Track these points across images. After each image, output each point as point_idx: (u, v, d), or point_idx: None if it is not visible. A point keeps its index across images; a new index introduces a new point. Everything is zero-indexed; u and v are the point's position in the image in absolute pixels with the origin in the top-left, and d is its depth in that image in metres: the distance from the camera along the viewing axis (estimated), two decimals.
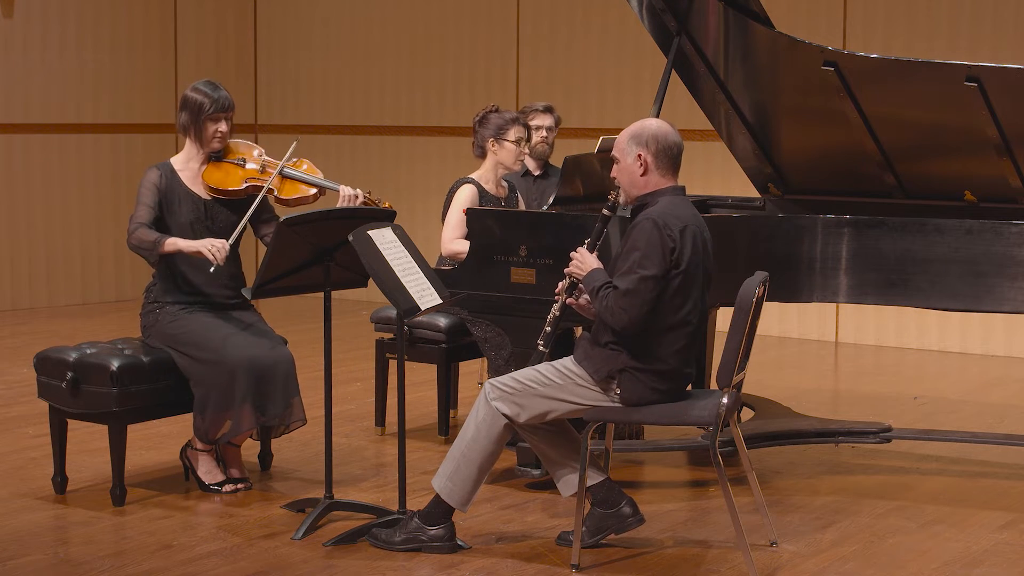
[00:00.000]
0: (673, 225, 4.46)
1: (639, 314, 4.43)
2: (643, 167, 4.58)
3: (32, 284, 10.25)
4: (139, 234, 5.29)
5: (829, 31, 8.90)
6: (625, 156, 4.60)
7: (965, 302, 5.43)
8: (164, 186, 5.37)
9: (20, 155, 10.11)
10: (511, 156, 6.02)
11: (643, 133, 4.59)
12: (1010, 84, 5.35)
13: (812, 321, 9.22)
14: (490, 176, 6.06)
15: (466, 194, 5.97)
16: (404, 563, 4.60)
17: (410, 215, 10.06)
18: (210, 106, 5.38)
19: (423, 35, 10.66)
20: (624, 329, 4.46)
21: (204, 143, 5.43)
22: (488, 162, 6.06)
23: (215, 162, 5.47)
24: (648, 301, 4.43)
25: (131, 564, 4.59)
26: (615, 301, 4.44)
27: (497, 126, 6.02)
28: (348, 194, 5.37)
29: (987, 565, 4.66)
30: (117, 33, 10.58)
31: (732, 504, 4.48)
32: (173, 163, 5.46)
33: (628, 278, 4.44)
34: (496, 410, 4.60)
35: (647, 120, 4.67)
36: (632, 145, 4.58)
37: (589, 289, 4.56)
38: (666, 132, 4.59)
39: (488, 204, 5.98)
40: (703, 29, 5.85)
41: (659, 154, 4.57)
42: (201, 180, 5.44)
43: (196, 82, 5.50)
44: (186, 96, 5.44)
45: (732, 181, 8.15)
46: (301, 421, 5.33)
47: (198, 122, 5.40)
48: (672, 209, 4.53)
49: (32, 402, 6.29)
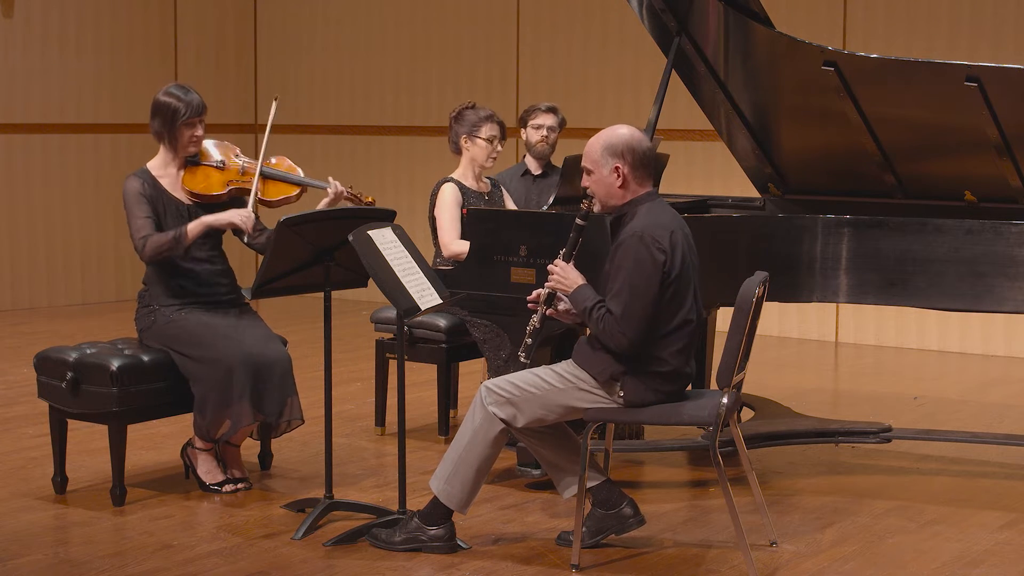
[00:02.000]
0: (660, 237, 4.43)
1: (639, 333, 4.42)
2: (621, 179, 4.52)
3: (32, 284, 10.25)
4: (152, 243, 5.25)
5: (829, 31, 8.91)
6: (600, 168, 4.53)
7: (965, 302, 5.43)
8: (148, 194, 5.33)
9: (20, 155, 10.11)
10: (483, 153, 6.03)
11: (617, 143, 4.51)
12: (1010, 84, 5.35)
13: (812, 321, 9.22)
14: (468, 173, 6.08)
15: (448, 194, 5.98)
16: (404, 563, 4.60)
17: (410, 215, 10.06)
18: (184, 111, 5.32)
19: (423, 35, 10.66)
20: (626, 351, 4.45)
21: (180, 148, 5.38)
22: (463, 159, 6.08)
23: (192, 166, 5.42)
24: (646, 319, 4.41)
25: (131, 564, 4.59)
26: (613, 326, 4.42)
27: (471, 123, 6.04)
28: (338, 190, 5.37)
29: (987, 565, 4.66)
30: (117, 33, 10.58)
31: (732, 504, 4.48)
32: (151, 169, 5.41)
33: (621, 301, 4.41)
34: (493, 415, 4.58)
35: (616, 128, 4.57)
36: (607, 157, 4.51)
37: (580, 309, 4.53)
38: (639, 139, 4.54)
39: (471, 200, 5.99)
40: (703, 29, 5.85)
41: (636, 164, 4.51)
42: (181, 185, 5.41)
43: (166, 87, 5.43)
44: (158, 102, 5.36)
45: (732, 181, 8.16)
46: (299, 420, 5.33)
47: (173, 128, 5.34)
48: (654, 218, 4.49)
49: (32, 402, 6.29)
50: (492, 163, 6.08)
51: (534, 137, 6.77)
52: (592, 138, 4.58)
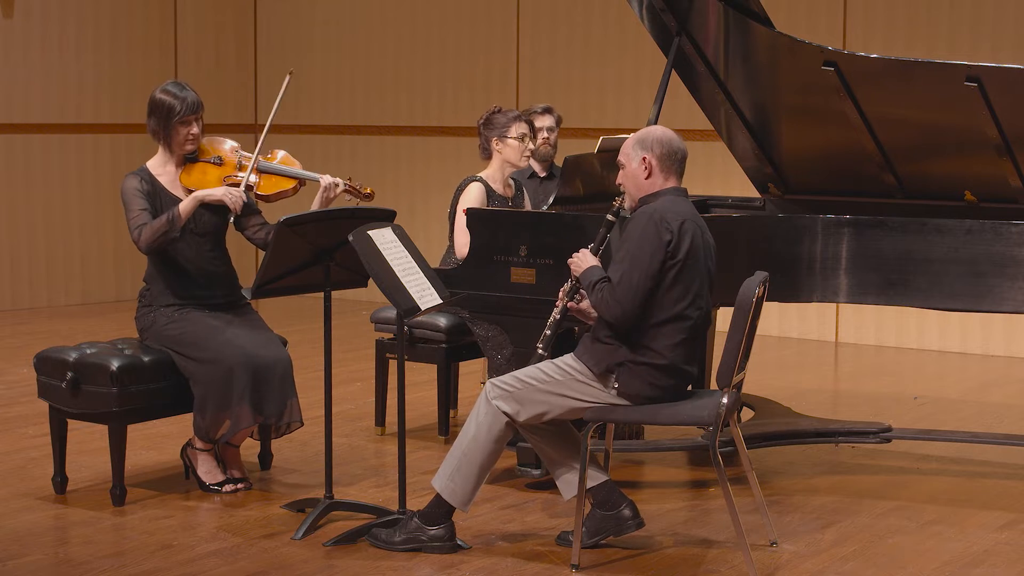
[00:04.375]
0: (671, 219, 4.50)
1: (632, 306, 4.46)
2: (647, 170, 4.62)
3: (32, 284, 10.25)
4: (148, 229, 5.23)
5: (829, 31, 8.91)
6: (630, 161, 4.66)
7: (965, 302, 5.43)
8: (145, 190, 5.32)
9: (20, 155, 10.11)
10: (516, 153, 6.02)
11: (648, 138, 4.65)
12: (1010, 84, 5.35)
13: (812, 321, 9.22)
14: (497, 176, 6.06)
15: (474, 192, 5.97)
16: (404, 563, 4.60)
17: (410, 215, 10.07)
18: (180, 109, 5.31)
19: (423, 35, 10.66)
20: (618, 321, 4.49)
21: (176, 147, 5.37)
22: (495, 161, 6.06)
23: (190, 163, 5.42)
24: (641, 291, 4.46)
25: (131, 564, 4.59)
26: (609, 293, 4.49)
27: (500, 125, 6.04)
28: (328, 183, 5.36)
29: (987, 565, 4.66)
30: (117, 33, 10.58)
31: (732, 504, 4.48)
32: (150, 167, 5.41)
33: (621, 270, 4.49)
34: (497, 408, 4.60)
35: (652, 127, 4.76)
36: (637, 149, 4.64)
37: (585, 284, 4.59)
38: (671, 138, 4.67)
39: (495, 203, 5.98)
40: (703, 29, 5.85)
41: (663, 157, 4.62)
42: (179, 183, 5.41)
43: (162, 84, 5.43)
44: (153, 99, 5.35)
45: (732, 181, 8.15)
46: (299, 423, 5.33)
47: (168, 126, 5.33)
48: (671, 206, 4.57)
49: (32, 402, 6.29)
50: (526, 161, 6.08)
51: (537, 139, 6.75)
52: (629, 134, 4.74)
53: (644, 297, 4.47)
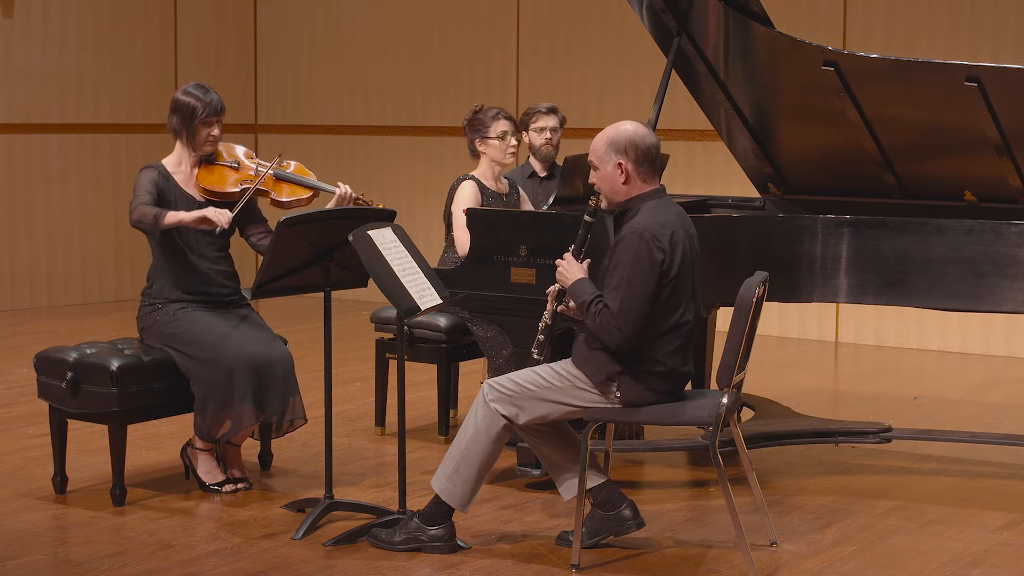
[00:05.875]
0: (661, 235, 4.44)
1: (635, 332, 4.43)
2: (624, 175, 4.54)
3: (32, 284, 10.24)
4: (141, 210, 5.25)
5: (829, 31, 8.90)
6: (604, 164, 4.56)
7: (965, 302, 5.43)
8: (160, 184, 5.36)
9: (20, 155, 10.11)
10: (499, 152, 6.03)
11: (620, 139, 4.53)
12: (1010, 84, 5.35)
13: (812, 321, 9.22)
14: (488, 174, 6.07)
15: (467, 191, 5.98)
16: (404, 563, 4.60)
17: (410, 215, 10.07)
18: (203, 110, 5.35)
19: (423, 35, 10.66)
20: (620, 347, 4.45)
21: (196, 147, 5.41)
22: (483, 161, 6.09)
23: (207, 164, 5.45)
24: (642, 317, 4.42)
25: (131, 564, 4.59)
26: (609, 321, 4.43)
27: (481, 124, 6.05)
28: (343, 192, 5.37)
29: (987, 565, 4.66)
30: (117, 33, 10.58)
31: (732, 504, 4.48)
32: (166, 165, 5.44)
33: (618, 297, 4.42)
34: (495, 411, 4.59)
35: (621, 124, 4.60)
36: (611, 153, 4.54)
37: (578, 302, 4.54)
38: (643, 135, 4.55)
39: (489, 200, 5.99)
40: (703, 29, 5.85)
41: (639, 160, 4.53)
42: (195, 182, 5.42)
43: (186, 85, 5.47)
44: (177, 100, 5.41)
45: (732, 181, 8.16)
46: (301, 420, 5.33)
47: (190, 126, 5.37)
48: (657, 216, 4.50)
49: (32, 402, 6.29)
50: (512, 159, 6.08)
51: (538, 140, 6.74)
52: (598, 134, 4.61)
53: (645, 320, 4.43)
